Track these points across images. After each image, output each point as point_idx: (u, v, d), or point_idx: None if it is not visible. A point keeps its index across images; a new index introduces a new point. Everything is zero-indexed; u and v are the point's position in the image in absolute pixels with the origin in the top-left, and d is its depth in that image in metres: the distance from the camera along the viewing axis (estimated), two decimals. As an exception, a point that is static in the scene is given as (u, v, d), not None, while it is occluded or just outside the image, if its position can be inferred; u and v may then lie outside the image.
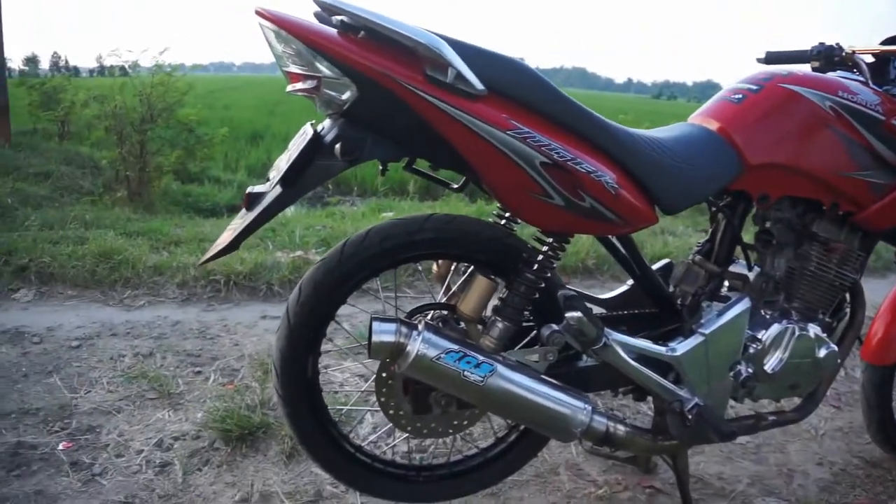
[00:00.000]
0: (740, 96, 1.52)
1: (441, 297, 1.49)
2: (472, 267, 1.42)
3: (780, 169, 1.49)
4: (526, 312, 1.42)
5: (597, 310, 1.62)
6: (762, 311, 1.60)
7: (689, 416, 1.46)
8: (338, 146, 1.16)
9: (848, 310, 1.78)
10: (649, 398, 1.58)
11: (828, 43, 1.81)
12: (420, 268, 1.71)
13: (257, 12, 1.15)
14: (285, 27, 1.12)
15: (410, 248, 1.37)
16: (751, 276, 1.62)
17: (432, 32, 1.13)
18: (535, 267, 1.35)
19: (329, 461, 1.51)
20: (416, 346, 1.25)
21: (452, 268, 1.51)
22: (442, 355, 1.26)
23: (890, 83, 1.71)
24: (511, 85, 1.20)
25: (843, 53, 1.76)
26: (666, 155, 1.36)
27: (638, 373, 1.41)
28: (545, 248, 1.36)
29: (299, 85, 1.19)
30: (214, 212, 3.84)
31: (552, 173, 1.21)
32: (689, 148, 1.43)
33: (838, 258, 1.64)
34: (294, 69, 1.18)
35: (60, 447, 1.81)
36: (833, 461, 2.06)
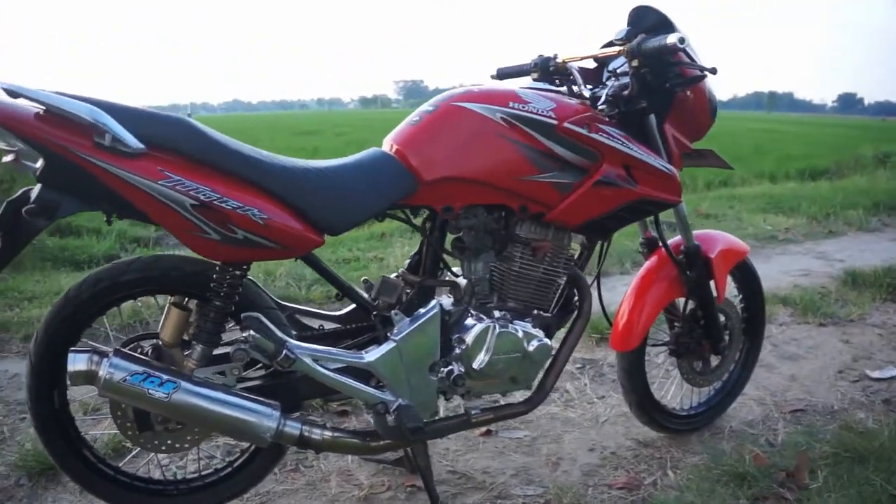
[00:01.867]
0: (418, 118, 1.76)
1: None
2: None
3: (457, 182, 1.72)
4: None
5: (329, 325, 1.91)
6: (471, 313, 1.81)
7: (391, 417, 1.70)
8: (28, 207, 1.45)
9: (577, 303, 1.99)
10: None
11: (546, 55, 2.07)
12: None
13: None
14: None
15: (120, 289, 1.66)
16: (461, 282, 1.87)
17: (93, 103, 1.42)
18: (222, 294, 1.63)
19: (90, 483, 1.77)
20: (104, 371, 1.52)
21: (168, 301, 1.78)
22: (128, 377, 1.52)
23: (601, 85, 1.98)
24: (166, 140, 1.46)
25: (557, 63, 2.03)
26: (322, 182, 1.61)
27: (332, 381, 1.65)
28: (227, 277, 1.64)
29: (6, 158, 1.49)
30: (91, 263, 4.07)
31: (202, 213, 1.47)
32: (355, 172, 1.68)
33: (546, 256, 1.86)
34: (1, 145, 1.47)
35: None
36: (606, 446, 2.30)
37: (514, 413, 1.96)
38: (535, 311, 1.91)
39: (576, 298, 2.00)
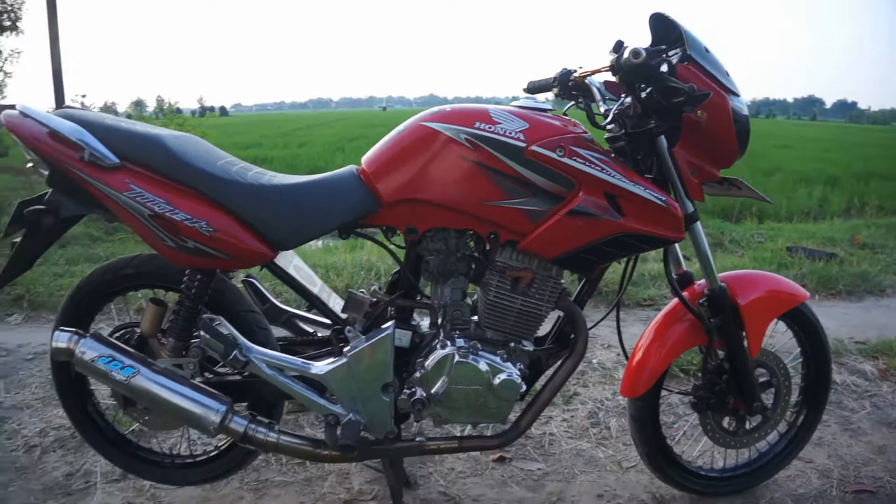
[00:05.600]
0: (388, 137, 1.81)
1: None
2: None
3: (418, 204, 1.74)
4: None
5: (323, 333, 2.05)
6: (440, 339, 1.84)
7: (339, 430, 1.80)
8: (31, 207, 1.76)
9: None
10: None
11: (569, 67, 2.01)
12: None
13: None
14: (9, 128, 1.74)
15: (121, 281, 1.94)
16: (436, 304, 1.89)
17: (83, 122, 1.69)
18: (191, 294, 1.83)
19: (101, 447, 2.09)
20: (78, 351, 1.78)
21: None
22: (97, 358, 1.77)
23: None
24: (137, 155, 1.70)
25: (575, 77, 1.97)
26: (275, 199, 1.74)
27: (284, 386, 1.79)
28: (195, 281, 1.84)
29: (27, 165, 1.82)
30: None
31: (157, 222, 1.68)
32: (312, 190, 1.78)
33: (528, 287, 1.82)
34: (26, 156, 1.80)
35: (-28, 430, 2.57)
36: (618, 495, 2.21)
37: (482, 446, 1.97)
38: (513, 344, 1.87)
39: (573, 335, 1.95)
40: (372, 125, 28.18)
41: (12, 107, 1.79)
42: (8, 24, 13.60)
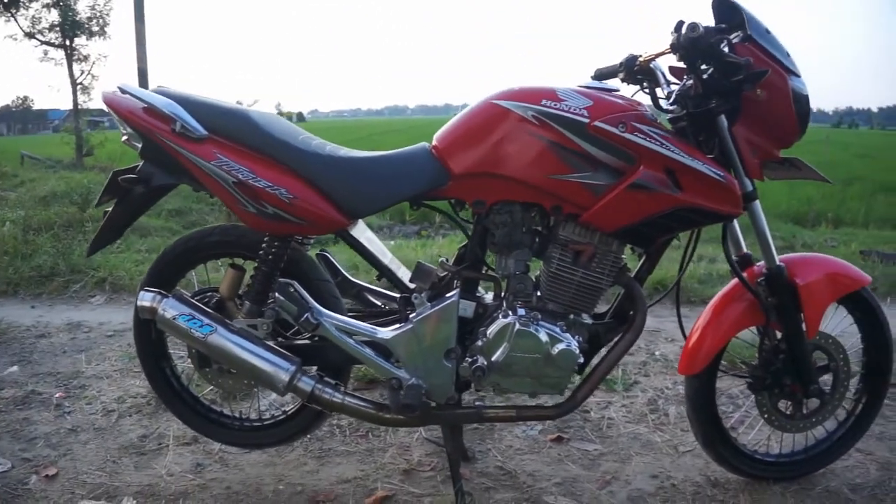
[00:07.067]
0: (459, 117, 1.88)
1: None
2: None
3: (486, 177, 1.81)
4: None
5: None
6: (502, 309, 1.88)
7: (402, 394, 1.86)
8: (124, 176, 1.89)
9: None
10: None
11: (635, 53, 2.03)
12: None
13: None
14: (107, 104, 1.89)
15: (204, 249, 2.06)
16: (500, 275, 1.93)
17: (176, 98, 1.82)
18: (268, 259, 1.93)
19: (176, 408, 2.20)
20: (160, 309, 1.88)
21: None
22: (178, 316, 1.87)
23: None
24: (224, 127, 1.82)
25: (640, 62, 1.99)
26: (350, 170, 1.84)
27: (352, 349, 1.87)
28: (272, 248, 1.92)
29: (122, 139, 1.96)
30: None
31: (240, 189, 1.79)
32: (385, 163, 1.87)
33: (589, 261, 1.85)
34: (121, 129, 1.93)
35: (56, 395, 2.71)
36: (672, 476, 2.21)
37: (539, 416, 2.02)
38: (573, 317, 1.90)
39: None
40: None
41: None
42: (97, 29, 14.07)
